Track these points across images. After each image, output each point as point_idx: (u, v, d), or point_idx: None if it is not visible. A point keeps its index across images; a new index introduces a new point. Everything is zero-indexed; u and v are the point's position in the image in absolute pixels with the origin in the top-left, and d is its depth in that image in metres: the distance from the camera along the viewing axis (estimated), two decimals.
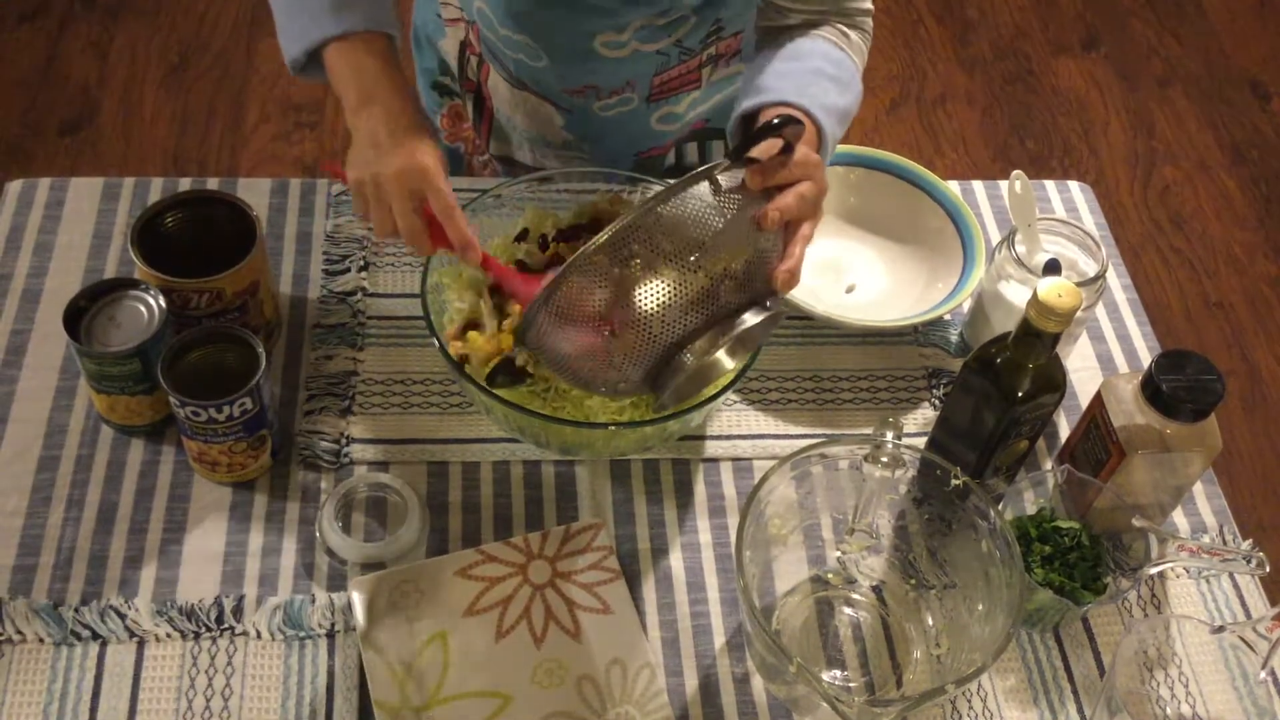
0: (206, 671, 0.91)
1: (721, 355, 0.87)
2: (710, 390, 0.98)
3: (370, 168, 0.91)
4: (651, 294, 0.83)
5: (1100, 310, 1.22)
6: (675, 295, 0.84)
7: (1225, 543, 1.06)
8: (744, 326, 0.86)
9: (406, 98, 0.93)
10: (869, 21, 1.13)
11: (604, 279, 0.83)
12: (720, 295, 0.85)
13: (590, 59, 1.14)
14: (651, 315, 0.83)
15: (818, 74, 1.03)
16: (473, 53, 1.26)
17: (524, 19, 1.12)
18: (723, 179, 0.87)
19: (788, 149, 0.89)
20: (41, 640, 0.92)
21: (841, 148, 1.21)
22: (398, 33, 0.97)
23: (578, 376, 0.88)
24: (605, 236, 0.83)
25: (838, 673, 0.96)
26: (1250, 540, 1.04)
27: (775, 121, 0.88)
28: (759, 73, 1.04)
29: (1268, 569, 0.94)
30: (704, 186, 0.86)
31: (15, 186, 1.20)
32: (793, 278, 0.89)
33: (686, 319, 0.84)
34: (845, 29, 1.09)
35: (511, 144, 1.30)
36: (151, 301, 0.98)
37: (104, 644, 0.92)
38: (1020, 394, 0.93)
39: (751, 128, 0.97)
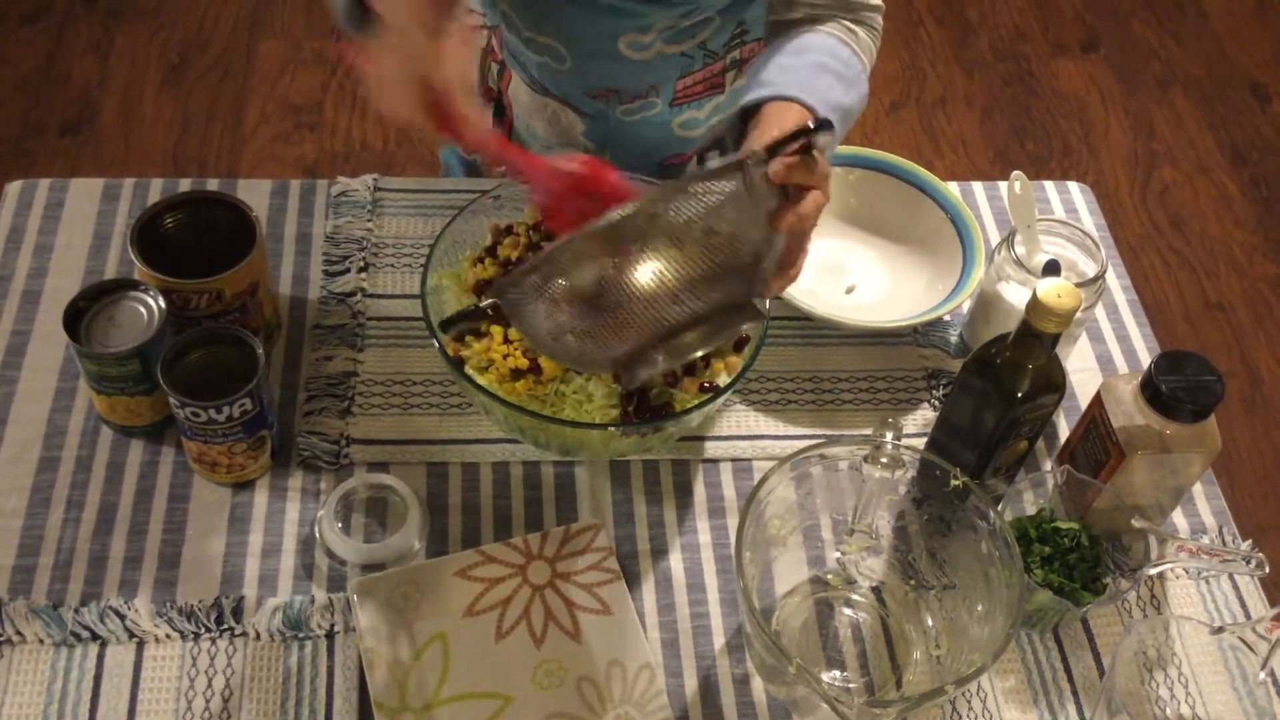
0: (206, 672, 0.91)
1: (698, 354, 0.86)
2: (710, 389, 0.98)
3: (385, 40, 0.88)
4: (646, 279, 0.80)
5: (1100, 311, 1.22)
6: (669, 284, 0.81)
7: (1225, 543, 1.06)
8: (735, 330, 0.84)
9: None
10: (878, 19, 1.09)
11: (602, 259, 0.80)
12: (712, 290, 0.83)
13: (614, 61, 1.14)
14: (643, 300, 0.80)
15: (822, 69, 1.00)
16: (494, 59, 1.25)
17: (548, 20, 1.12)
18: (750, 172, 0.84)
19: (807, 150, 0.86)
20: (41, 641, 0.92)
21: (841, 149, 1.21)
22: None
23: (547, 345, 0.85)
24: (617, 216, 0.80)
25: (837, 673, 0.96)
26: (1250, 541, 1.04)
27: (812, 125, 0.85)
28: (763, 67, 1.01)
29: (1267, 570, 0.94)
30: (731, 181, 0.83)
31: (15, 187, 1.20)
32: (790, 284, 0.89)
33: (674, 310, 0.82)
34: (852, 25, 1.06)
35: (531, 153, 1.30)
36: (151, 302, 0.98)
37: (104, 645, 0.92)
38: (1020, 395, 0.93)
39: (750, 121, 0.95)
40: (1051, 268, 1.11)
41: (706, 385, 0.99)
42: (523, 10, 1.13)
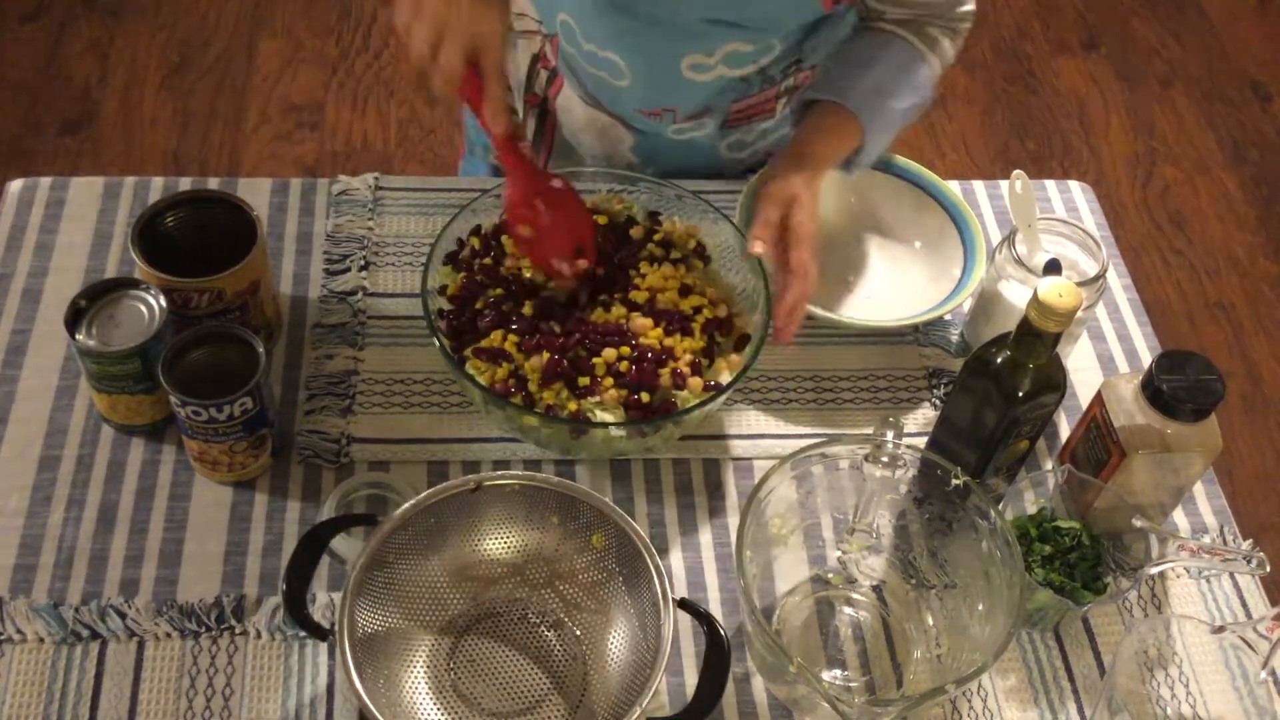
0: (207, 671, 0.91)
1: None
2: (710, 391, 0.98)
3: None
4: None
5: (1101, 310, 1.22)
6: None
7: (1225, 543, 1.06)
8: None
9: None
10: (967, 25, 1.15)
11: None
12: None
13: (675, 81, 1.13)
14: None
15: (884, 92, 1.08)
16: (545, 66, 1.24)
17: (613, 35, 1.11)
18: None
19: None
20: (42, 640, 0.92)
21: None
22: None
23: None
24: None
25: (838, 672, 0.96)
26: (1250, 540, 1.04)
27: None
28: (835, 65, 1.09)
29: (1268, 569, 0.94)
30: None
31: (16, 186, 1.20)
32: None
33: None
34: (937, 34, 1.12)
35: (574, 163, 1.28)
36: (152, 301, 0.98)
37: (104, 643, 0.92)
38: (1020, 394, 0.93)
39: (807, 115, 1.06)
40: (1052, 267, 1.11)
41: (708, 384, 0.99)
42: (587, 23, 1.12)
